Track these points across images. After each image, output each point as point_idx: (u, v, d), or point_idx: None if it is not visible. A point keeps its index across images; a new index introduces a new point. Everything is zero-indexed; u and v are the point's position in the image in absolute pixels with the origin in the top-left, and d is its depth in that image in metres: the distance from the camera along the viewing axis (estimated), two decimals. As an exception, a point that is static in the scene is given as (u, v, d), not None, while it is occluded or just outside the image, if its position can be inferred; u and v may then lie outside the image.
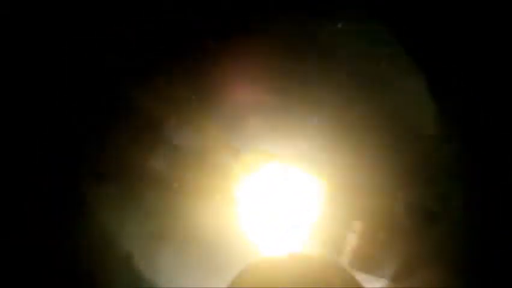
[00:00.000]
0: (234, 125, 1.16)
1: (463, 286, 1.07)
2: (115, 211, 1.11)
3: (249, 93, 1.16)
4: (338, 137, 1.16)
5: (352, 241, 1.15)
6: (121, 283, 1.10)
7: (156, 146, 1.15)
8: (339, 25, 1.11)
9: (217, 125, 1.15)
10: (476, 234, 1.10)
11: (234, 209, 1.16)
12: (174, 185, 1.13)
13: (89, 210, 1.10)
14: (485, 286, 1.08)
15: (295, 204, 1.18)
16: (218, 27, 1.13)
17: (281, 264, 0.92)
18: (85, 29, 1.10)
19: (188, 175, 1.15)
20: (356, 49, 1.15)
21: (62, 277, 1.06)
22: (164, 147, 1.15)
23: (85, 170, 1.12)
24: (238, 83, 1.15)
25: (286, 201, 1.18)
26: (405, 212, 1.15)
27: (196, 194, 1.14)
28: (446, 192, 1.14)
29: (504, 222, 1.09)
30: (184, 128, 1.14)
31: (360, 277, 1.03)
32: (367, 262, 1.13)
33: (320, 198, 1.17)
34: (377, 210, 1.14)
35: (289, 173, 1.18)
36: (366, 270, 1.12)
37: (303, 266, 0.90)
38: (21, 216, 1.08)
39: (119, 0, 1.12)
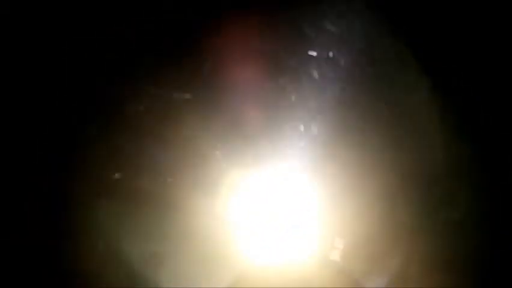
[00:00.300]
0: (233, 126, 1.16)
1: (463, 286, 1.07)
2: (114, 211, 1.11)
3: (249, 94, 1.16)
4: (339, 138, 1.16)
5: (352, 242, 1.14)
6: (121, 283, 1.10)
7: (155, 147, 1.15)
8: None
9: (216, 127, 1.15)
10: (477, 234, 1.10)
11: (234, 213, 1.16)
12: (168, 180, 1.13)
13: (89, 210, 1.10)
14: (485, 286, 1.08)
15: (293, 206, 1.18)
16: (218, 27, 1.13)
17: (280, 266, 0.92)
18: (85, 29, 1.10)
19: (186, 178, 1.15)
20: (356, 49, 1.15)
21: (62, 277, 1.06)
22: (164, 147, 1.15)
23: (85, 170, 1.12)
24: (238, 83, 1.15)
25: (285, 204, 1.18)
26: (406, 212, 1.15)
27: (195, 198, 1.14)
28: (447, 192, 1.14)
29: (504, 222, 1.09)
30: (183, 133, 1.14)
31: (360, 278, 1.04)
32: (367, 263, 1.13)
33: (319, 200, 1.17)
34: (378, 211, 1.14)
35: (287, 175, 1.18)
36: (366, 271, 1.12)
37: (303, 268, 0.90)
38: (21, 216, 1.08)
39: (119, 0, 1.12)
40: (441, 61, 1.12)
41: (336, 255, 1.14)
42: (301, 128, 1.17)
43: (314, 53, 1.16)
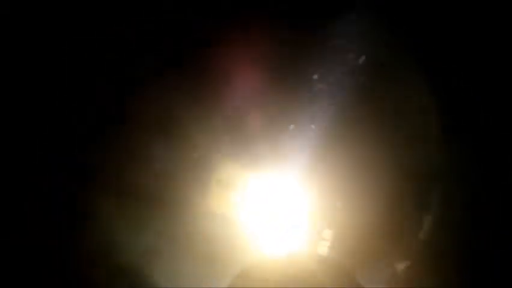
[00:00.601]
0: (233, 127, 1.16)
1: (463, 286, 1.07)
2: (114, 210, 1.11)
3: (249, 95, 1.16)
4: (339, 138, 1.16)
5: (352, 241, 1.14)
6: (121, 283, 1.10)
7: (155, 148, 1.15)
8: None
9: (216, 127, 1.15)
10: (477, 234, 1.10)
11: (232, 212, 1.16)
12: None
13: (88, 210, 1.10)
14: (485, 286, 1.08)
15: (292, 205, 1.18)
16: (218, 28, 1.13)
17: (280, 264, 0.92)
18: (85, 29, 1.10)
19: (187, 178, 1.15)
20: (357, 50, 1.15)
21: (62, 277, 1.06)
22: (164, 149, 1.15)
23: (85, 170, 1.12)
24: (238, 84, 1.15)
25: (285, 203, 1.18)
26: (406, 212, 1.15)
27: (195, 197, 1.14)
28: (447, 192, 1.14)
29: (504, 222, 1.09)
30: (184, 133, 1.14)
31: (360, 277, 1.04)
32: (367, 262, 1.13)
33: (318, 199, 1.17)
34: (378, 211, 1.14)
35: (287, 175, 1.18)
36: (366, 270, 1.12)
37: (303, 266, 0.90)
38: (21, 216, 1.08)
39: (119, 0, 1.12)
40: (441, 61, 1.12)
41: (335, 255, 1.14)
42: (301, 128, 1.17)
43: (314, 55, 1.16)
